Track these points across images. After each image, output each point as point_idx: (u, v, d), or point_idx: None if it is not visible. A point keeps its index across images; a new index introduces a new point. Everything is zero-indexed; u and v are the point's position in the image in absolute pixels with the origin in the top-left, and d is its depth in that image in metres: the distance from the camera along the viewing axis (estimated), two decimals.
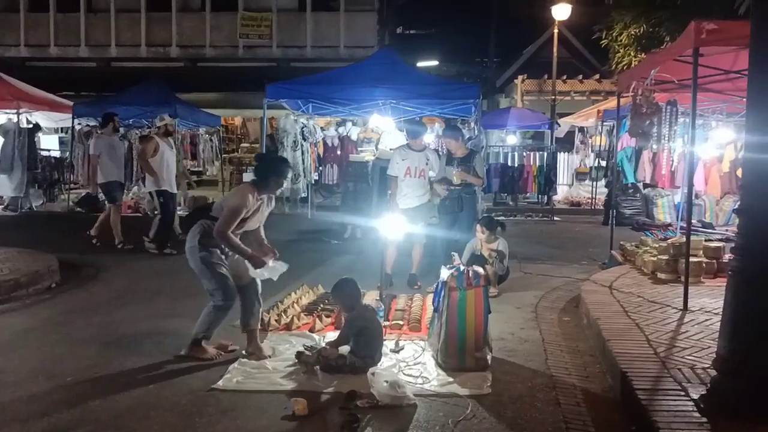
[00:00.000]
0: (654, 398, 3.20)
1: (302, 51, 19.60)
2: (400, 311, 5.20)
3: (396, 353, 4.28)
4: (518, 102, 19.43)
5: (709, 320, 4.52)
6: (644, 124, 7.28)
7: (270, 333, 4.71)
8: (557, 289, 6.40)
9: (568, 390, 3.72)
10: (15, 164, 12.35)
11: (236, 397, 3.57)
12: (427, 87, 9.81)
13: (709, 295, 5.25)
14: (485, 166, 13.04)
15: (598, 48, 15.83)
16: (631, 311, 4.84)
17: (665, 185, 11.13)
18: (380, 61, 10.16)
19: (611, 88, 16.46)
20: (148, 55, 19.80)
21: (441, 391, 3.66)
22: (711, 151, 10.16)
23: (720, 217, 10.10)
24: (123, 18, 19.79)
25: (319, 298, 5.73)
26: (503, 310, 5.41)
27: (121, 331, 4.79)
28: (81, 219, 12.20)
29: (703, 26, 4.88)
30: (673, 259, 5.95)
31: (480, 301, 4.12)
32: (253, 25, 19.53)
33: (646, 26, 12.52)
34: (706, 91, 7.29)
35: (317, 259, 7.93)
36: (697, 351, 3.89)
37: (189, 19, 19.88)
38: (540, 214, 13.57)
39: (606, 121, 13.55)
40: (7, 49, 20.00)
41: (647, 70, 6.58)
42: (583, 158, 16.39)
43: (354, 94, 9.90)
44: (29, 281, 5.97)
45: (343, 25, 19.49)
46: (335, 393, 3.58)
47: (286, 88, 10.30)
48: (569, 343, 4.65)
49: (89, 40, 19.88)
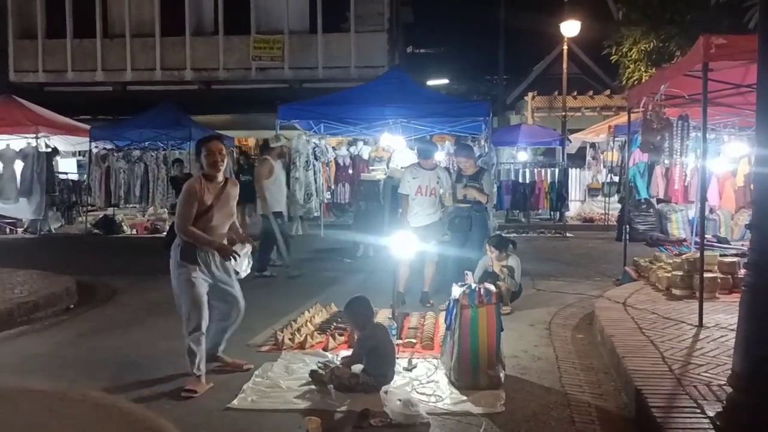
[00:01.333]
0: (669, 416, 3.17)
1: (314, 72, 19.84)
2: (413, 329, 5.20)
3: (409, 371, 4.28)
4: (529, 119, 19.47)
5: (725, 336, 4.47)
6: (655, 139, 7.29)
7: (284, 352, 4.73)
8: (570, 306, 6.37)
9: (582, 408, 3.70)
10: (34, 188, 12.58)
11: (251, 416, 3.59)
12: (436, 105, 9.89)
13: (724, 311, 5.20)
14: (496, 183, 13.13)
15: (608, 63, 15.90)
16: (645, 328, 4.81)
17: (679, 200, 11.06)
18: (390, 81, 10.28)
19: (622, 104, 16.45)
20: (163, 79, 20.14)
21: (454, 410, 3.66)
22: (724, 166, 10.10)
23: (735, 231, 10.02)
24: (138, 43, 20.19)
25: (332, 316, 5.75)
26: (516, 328, 5.39)
27: (137, 352, 4.84)
28: (98, 241, 12.39)
29: (712, 41, 4.90)
30: (688, 274, 5.91)
31: (492, 319, 4.12)
32: (266, 47, 19.83)
33: (656, 41, 12.57)
34: (718, 105, 7.28)
35: (330, 277, 7.97)
36: (713, 368, 3.86)
37: (202, 43, 20.23)
38: (552, 230, 13.52)
39: (618, 136, 13.53)
40: (26, 74, 20.45)
41: (657, 86, 6.60)
42: (595, 174, 16.34)
43: (364, 113, 10.01)
44: (47, 303, 6.06)
45: (353, 45, 19.73)
46: (349, 412, 3.59)
47: (297, 108, 10.44)
48: (583, 360, 4.62)
49: (105, 65, 20.28)
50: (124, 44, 20.15)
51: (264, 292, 6.90)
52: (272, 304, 6.27)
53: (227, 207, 4.22)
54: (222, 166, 4.16)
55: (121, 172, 13.56)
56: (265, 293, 6.85)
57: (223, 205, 4.18)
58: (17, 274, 7.13)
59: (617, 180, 13.76)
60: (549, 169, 14.41)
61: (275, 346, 4.87)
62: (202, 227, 4.08)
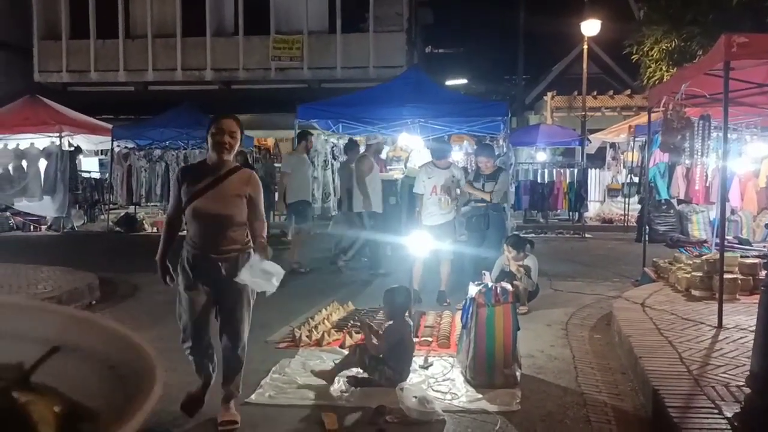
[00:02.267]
0: (686, 416, 3.16)
1: (332, 72, 19.92)
2: (429, 328, 5.22)
3: (425, 369, 4.30)
4: (548, 119, 19.35)
5: (745, 338, 4.42)
6: (676, 139, 7.21)
7: (301, 349, 4.79)
8: (588, 307, 6.34)
9: (598, 408, 3.69)
10: (57, 186, 12.82)
11: (269, 411, 3.64)
12: (454, 105, 9.87)
13: (744, 312, 5.13)
14: (514, 183, 13.08)
15: (629, 63, 15.75)
16: (663, 329, 4.78)
17: (699, 201, 10.88)
18: (408, 81, 10.28)
19: (643, 104, 16.27)
20: (184, 79, 20.39)
21: (470, 408, 3.67)
22: (746, 166, 9.95)
23: (757, 233, 9.86)
24: (159, 43, 20.46)
25: (349, 314, 5.80)
26: (533, 328, 5.38)
27: (156, 348, 4.90)
28: (120, 238, 12.59)
29: (733, 40, 4.85)
30: (708, 275, 5.85)
31: (508, 318, 4.13)
32: (285, 47, 19.96)
33: (677, 41, 12.42)
34: (739, 105, 7.18)
35: (347, 276, 8.02)
36: (732, 369, 3.82)
37: (222, 43, 20.43)
38: (571, 231, 13.42)
39: (638, 136, 13.39)
40: (50, 75, 20.83)
41: (678, 85, 6.54)
42: (615, 174, 16.18)
43: (383, 113, 10.02)
44: (70, 298, 6.19)
45: (372, 45, 19.78)
46: (364, 408, 3.63)
47: (316, 108, 10.49)
48: (600, 360, 4.61)
49: (127, 65, 20.58)
50: (145, 45, 20.42)
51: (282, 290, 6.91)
52: (290, 302, 6.33)
53: (225, 201, 3.30)
54: (229, 151, 3.32)
55: (142, 171, 13.75)
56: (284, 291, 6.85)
57: (218, 198, 3.30)
58: (41, 271, 7.30)
59: (637, 180, 13.62)
60: (568, 169, 14.31)
61: (292, 343, 4.93)
62: (187, 222, 3.40)
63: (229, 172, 3.38)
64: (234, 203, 3.34)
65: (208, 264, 3.35)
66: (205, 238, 3.34)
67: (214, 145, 3.31)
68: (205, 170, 3.40)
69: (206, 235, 3.34)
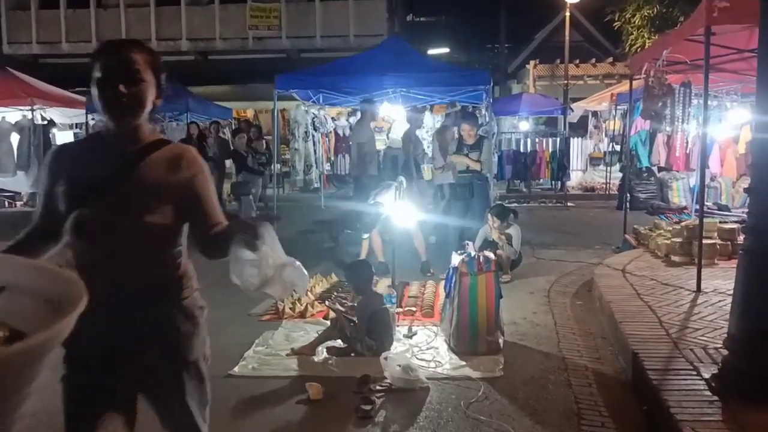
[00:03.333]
0: (665, 378, 3.21)
1: (312, 41, 19.58)
2: (413, 298, 5.24)
3: (409, 339, 4.32)
4: (530, 87, 19.28)
5: (723, 301, 4.49)
6: (657, 105, 7.21)
7: (284, 321, 4.78)
8: (570, 274, 6.40)
9: (579, 372, 3.74)
10: (31, 161, 12.53)
11: (252, 382, 3.63)
12: (436, 74, 9.75)
13: (723, 276, 5.21)
14: (497, 153, 13.06)
15: (611, 31, 15.67)
16: (643, 294, 4.84)
17: (680, 168, 10.96)
18: (389, 49, 10.12)
19: (625, 72, 16.23)
20: (159, 49, 19.32)
21: (454, 375, 3.70)
22: (726, 133, 10.02)
23: (736, 199, 9.98)
24: (132, 13, 19.89)
25: (332, 286, 5.79)
26: (516, 296, 5.42)
27: None
28: None
29: (714, 4, 4.81)
30: (687, 241, 5.91)
31: (491, 286, 4.15)
32: (262, 16, 19.52)
33: (659, 7, 12.37)
34: (720, 71, 7.18)
35: (331, 248, 7.99)
36: (710, 331, 3.89)
37: (198, 13, 19.93)
38: (553, 200, 13.50)
39: (620, 104, 13.40)
40: (20, 47, 20.20)
41: (659, 51, 6.51)
42: (597, 143, 16.25)
43: (363, 82, 9.87)
44: None
45: (352, 13, 19.42)
46: (349, 378, 3.63)
47: (295, 78, 10.30)
48: (581, 326, 4.66)
49: (100, 36, 19.94)
50: (118, 15, 19.85)
51: None
52: None
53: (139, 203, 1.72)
54: (135, 108, 1.75)
55: None
56: None
57: (126, 198, 1.72)
58: None
59: (619, 149, 13.68)
60: (550, 138, 14.31)
61: (276, 315, 4.91)
62: (70, 245, 1.75)
63: (144, 151, 1.78)
64: (155, 206, 1.74)
65: (110, 327, 1.70)
66: (103, 275, 1.64)
67: (106, 103, 1.74)
68: (100, 151, 1.79)
69: (104, 268, 1.70)
